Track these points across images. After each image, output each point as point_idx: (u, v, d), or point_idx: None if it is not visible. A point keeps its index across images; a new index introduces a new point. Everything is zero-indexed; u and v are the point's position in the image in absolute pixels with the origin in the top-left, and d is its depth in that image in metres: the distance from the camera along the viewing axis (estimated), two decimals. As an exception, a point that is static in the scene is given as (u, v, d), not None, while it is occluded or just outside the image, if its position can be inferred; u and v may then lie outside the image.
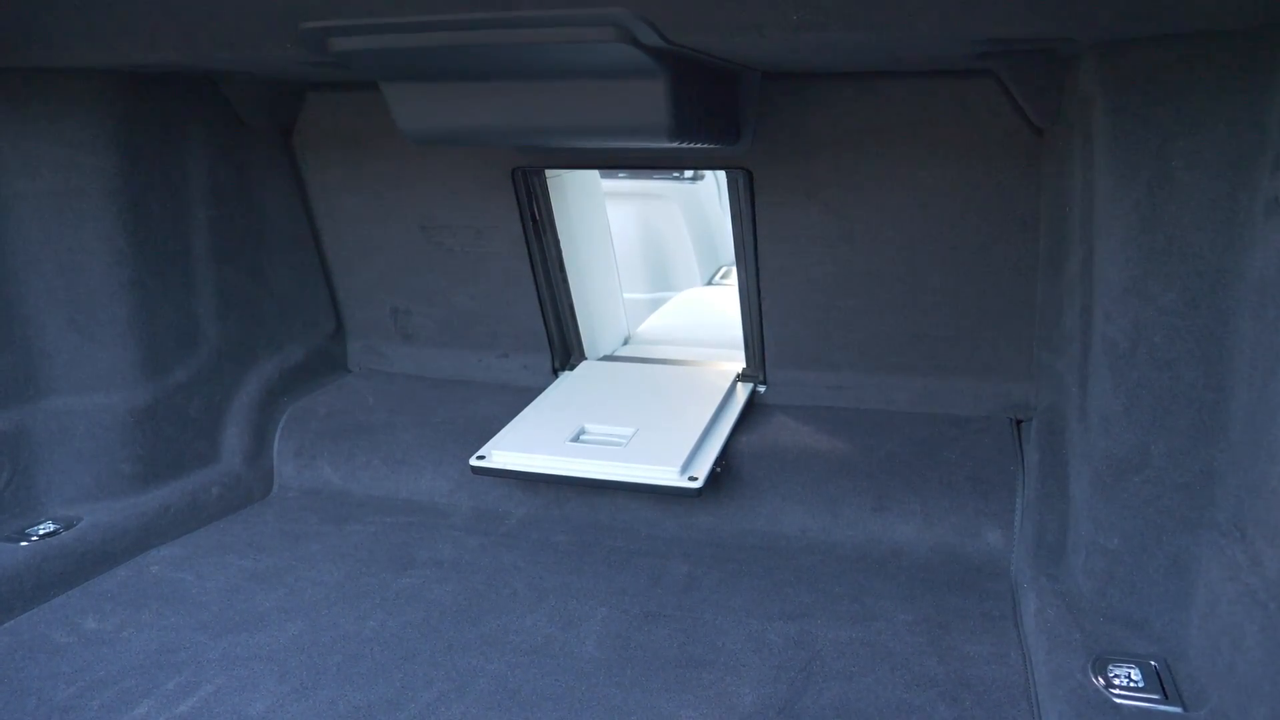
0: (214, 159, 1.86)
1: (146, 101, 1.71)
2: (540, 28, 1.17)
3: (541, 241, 2.01)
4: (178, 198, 1.80)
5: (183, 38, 1.30)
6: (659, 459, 1.70)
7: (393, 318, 2.17)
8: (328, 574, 1.60)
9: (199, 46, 1.34)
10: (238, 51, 1.34)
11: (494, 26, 1.18)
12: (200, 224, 1.85)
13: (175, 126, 1.78)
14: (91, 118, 1.63)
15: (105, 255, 1.69)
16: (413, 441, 1.96)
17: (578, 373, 2.11)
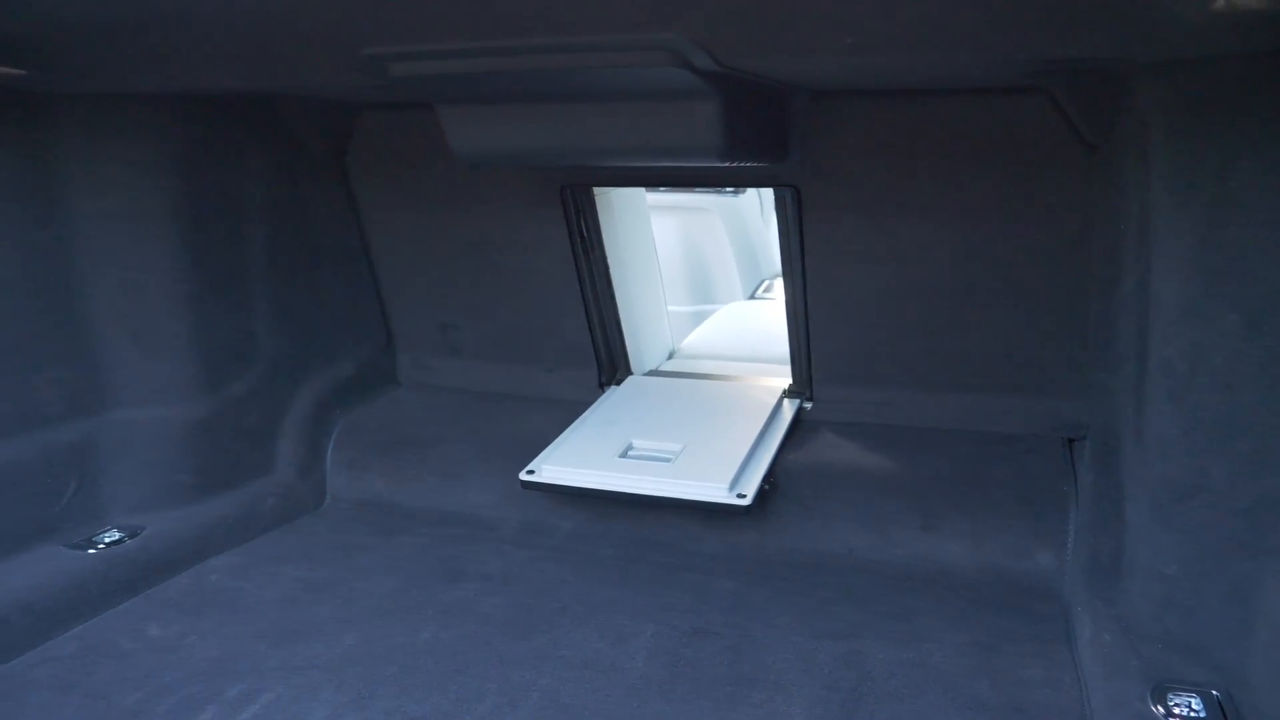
0: (271, 179, 1.90)
1: (207, 124, 1.76)
2: (595, 52, 1.19)
3: (589, 257, 2.03)
4: (236, 217, 1.84)
5: (246, 65, 1.34)
6: (707, 475, 1.71)
7: (442, 332, 2.20)
8: (380, 585, 1.63)
9: (261, 73, 1.37)
10: (298, 78, 1.37)
11: (550, 52, 1.20)
12: (257, 242, 1.89)
13: (234, 148, 1.82)
14: (155, 141, 1.68)
15: (167, 273, 1.73)
16: (461, 454, 1.98)
17: (624, 388, 2.12)
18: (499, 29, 1.12)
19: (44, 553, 1.59)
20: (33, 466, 1.61)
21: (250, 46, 1.29)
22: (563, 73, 1.26)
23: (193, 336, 1.77)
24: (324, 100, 1.86)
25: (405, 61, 1.26)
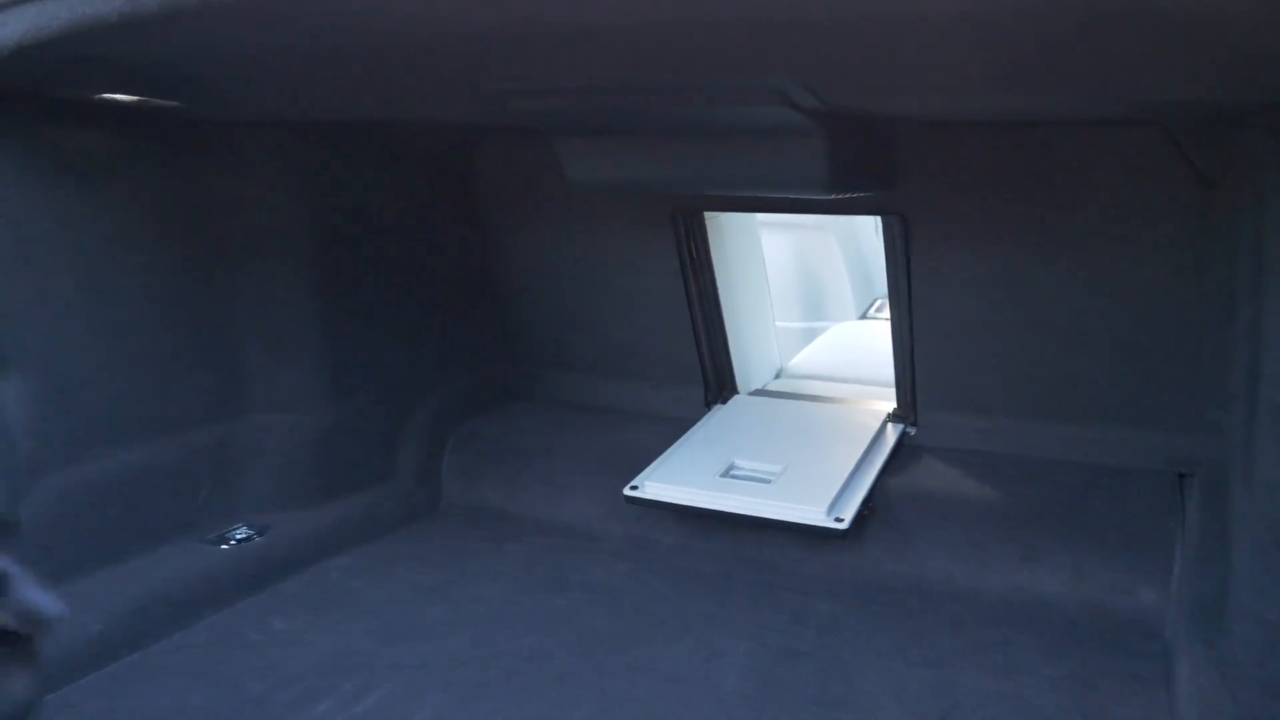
0: (397, 200, 2.01)
1: (341, 149, 1.88)
2: (704, 93, 1.24)
3: (698, 279, 2.08)
4: (365, 236, 1.96)
5: (379, 99, 1.44)
6: (806, 498, 1.74)
7: (555, 348, 2.28)
8: (488, 591, 1.71)
9: (391, 104, 1.47)
10: (425, 109, 1.46)
11: (660, 92, 1.26)
12: (383, 259, 2.00)
13: (364, 170, 1.94)
14: (294, 165, 1.80)
15: (300, 288, 1.86)
16: (569, 467, 2.06)
17: (729, 407, 2.16)
18: (612, 71, 1.19)
19: (181, 547, 1.72)
20: (173, 466, 1.74)
21: (382, 82, 1.39)
22: (673, 109, 1.31)
23: (323, 348, 1.89)
24: (449, 126, 1.96)
25: (523, 98, 1.34)
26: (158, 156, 1.67)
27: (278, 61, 1.25)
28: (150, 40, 1.10)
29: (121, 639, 1.49)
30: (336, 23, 1.01)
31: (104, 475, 1.62)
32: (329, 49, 1.15)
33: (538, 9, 0.92)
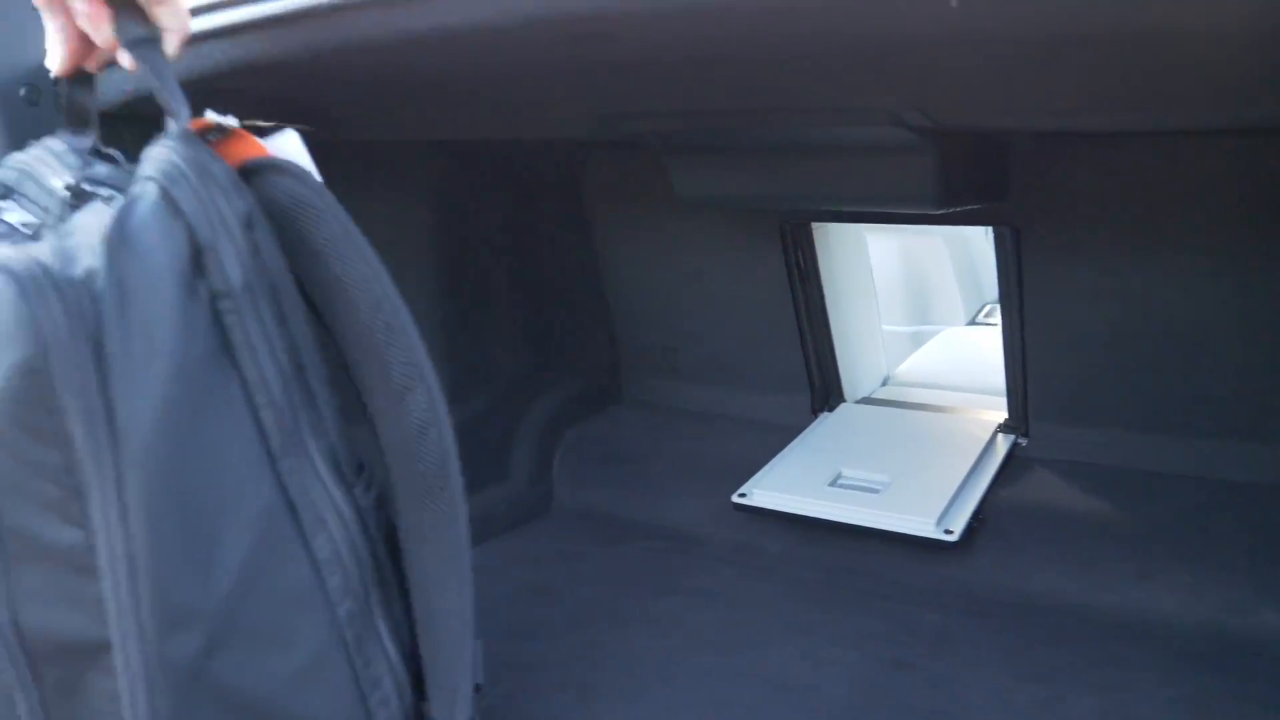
0: (513, 211, 2.09)
1: (459, 164, 1.95)
2: (813, 113, 1.27)
3: (805, 287, 2.10)
4: (482, 247, 2.04)
5: (497, 120, 1.50)
6: (915, 509, 1.74)
7: (662, 354, 2.33)
8: (598, 592, 1.76)
9: (509, 125, 1.53)
10: (541, 129, 1.52)
11: (769, 113, 1.29)
12: (500, 269, 2.08)
13: (482, 184, 2.02)
14: (415, 180, 1.89)
15: (422, 299, 1.94)
16: (677, 472, 2.10)
17: (836, 415, 2.18)
18: (726, 97, 1.22)
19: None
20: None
21: (501, 106, 1.45)
22: (783, 129, 1.34)
23: (444, 355, 1.97)
24: (561, 141, 2.02)
25: (637, 120, 1.38)
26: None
27: (404, 90, 1.32)
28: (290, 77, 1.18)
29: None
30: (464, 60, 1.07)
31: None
32: (453, 80, 1.22)
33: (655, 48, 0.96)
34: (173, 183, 0.75)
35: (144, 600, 0.74)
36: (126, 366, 0.72)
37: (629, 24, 0.86)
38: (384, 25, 0.95)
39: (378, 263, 0.85)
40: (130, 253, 0.73)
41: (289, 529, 0.80)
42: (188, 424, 0.74)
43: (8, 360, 0.72)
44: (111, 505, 0.72)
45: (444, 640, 0.88)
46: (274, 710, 0.79)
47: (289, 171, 0.83)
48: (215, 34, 1.11)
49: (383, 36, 0.97)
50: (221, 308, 0.76)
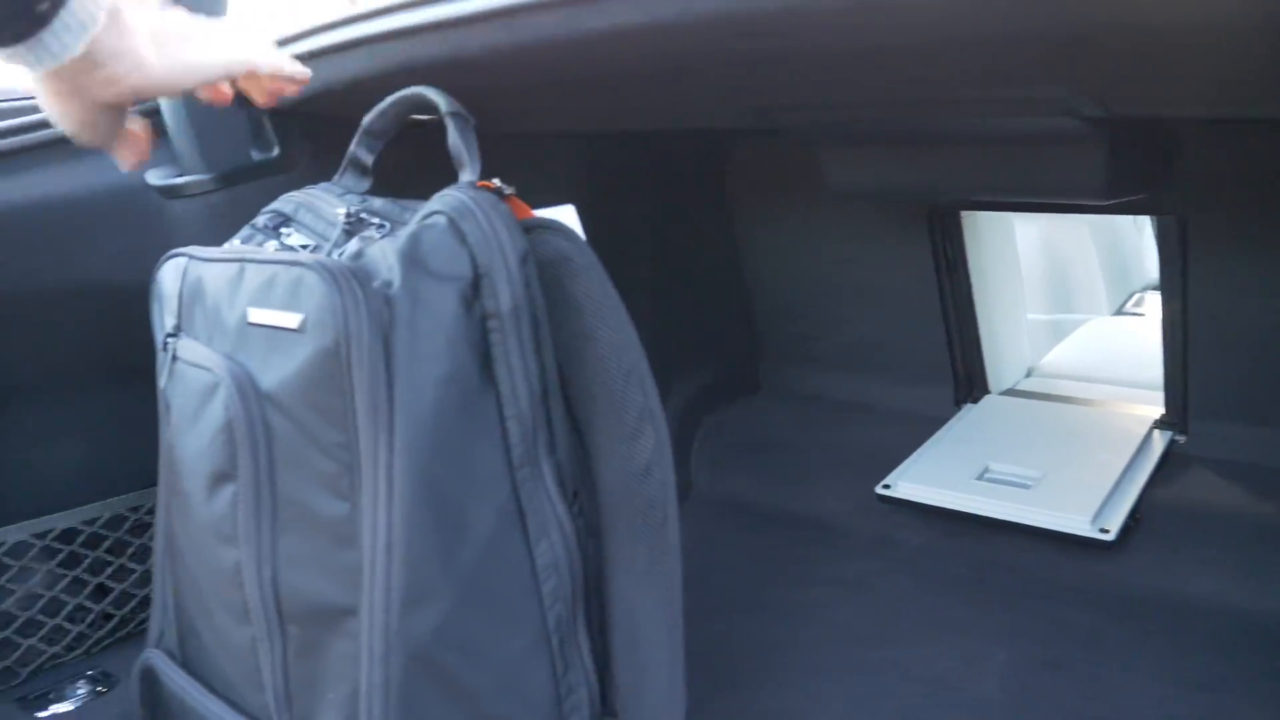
0: (654, 199, 2.11)
1: (605, 154, 1.98)
2: (980, 105, 1.24)
3: (951, 277, 2.06)
4: (626, 235, 2.06)
5: (649, 111, 1.52)
6: (1068, 506, 1.70)
7: (801, 343, 2.32)
8: (739, 580, 1.78)
9: (660, 116, 1.55)
10: (692, 120, 1.53)
11: (933, 105, 1.27)
12: (643, 258, 2.10)
13: (626, 174, 2.04)
14: (564, 170, 1.93)
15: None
16: (816, 461, 2.10)
17: (981, 407, 2.14)
18: (888, 88, 1.21)
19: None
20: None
21: (656, 99, 1.47)
22: (943, 120, 1.32)
23: (588, 344, 2.01)
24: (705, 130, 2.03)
25: (792, 112, 1.38)
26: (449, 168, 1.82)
27: (562, 86, 1.35)
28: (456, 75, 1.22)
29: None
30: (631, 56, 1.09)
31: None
32: (614, 75, 1.24)
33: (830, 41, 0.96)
34: (461, 216, 0.85)
35: (395, 573, 0.81)
36: (409, 365, 0.80)
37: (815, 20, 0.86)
38: (565, 25, 0.97)
39: (625, 317, 0.93)
40: (422, 270, 0.83)
41: (517, 532, 0.87)
42: (449, 424, 0.82)
43: (316, 343, 0.82)
44: (383, 485, 0.80)
45: (653, 671, 0.95)
46: (480, 709, 0.84)
47: (558, 230, 0.93)
48: (394, 35, 1.15)
49: (561, 36, 0.99)
50: (489, 327, 0.85)
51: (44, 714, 1.38)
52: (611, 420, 0.91)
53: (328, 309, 0.80)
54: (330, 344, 0.80)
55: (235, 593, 0.94)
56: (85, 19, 0.69)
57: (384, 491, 0.80)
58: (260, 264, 0.91)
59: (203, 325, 1.00)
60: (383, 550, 0.81)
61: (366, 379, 0.79)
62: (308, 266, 0.83)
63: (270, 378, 0.88)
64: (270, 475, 0.90)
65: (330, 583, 0.87)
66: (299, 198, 1.11)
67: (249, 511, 0.91)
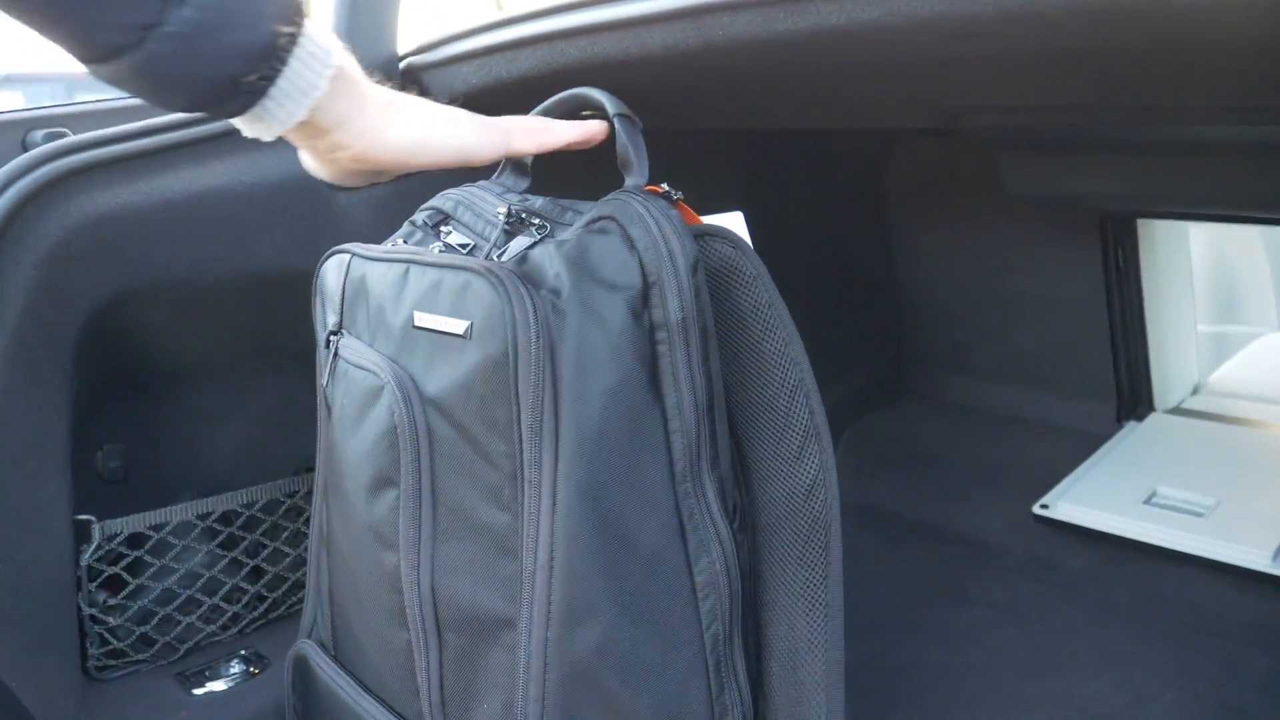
0: (813, 198, 2.05)
1: (765, 152, 1.94)
2: (1189, 112, 1.16)
3: (1122, 287, 1.96)
4: (780, 234, 2.01)
5: (826, 110, 1.47)
6: (1246, 538, 1.59)
7: (954, 351, 2.23)
8: (887, 597, 1.72)
9: (836, 116, 1.50)
10: (869, 120, 1.48)
11: (1135, 111, 1.19)
12: (794, 256, 2.05)
13: (785, 172, 1.99)
14: (722, 168, 1.89)
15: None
16: (968, 475, 2.02)
17: (1147, 426, 2.02)
18: (1092, 91, 1.14)
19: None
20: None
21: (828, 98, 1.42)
22: (1147, 127, 1.24)
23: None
24: (869, 129, 1.97)
25: (981, 114, 1.31)
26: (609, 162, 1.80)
27: (741, 83, 1.31)
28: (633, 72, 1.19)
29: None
30: (825, 57, 1.04)
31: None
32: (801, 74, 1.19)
33: (1043, 43, 0.90)
34: (630, 223, 0.82)
35: (556, 588, 0.80)
36: (576, 376, 0.78)
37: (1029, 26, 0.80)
38: (760, 25, 0.93)
39: (794, 329, 0.88)
40: (591, 277, 0.80)
41: (678, 549, 0.84)
42: (615, 436, 0.79)
43: (483, 351, 0.80)
44: (546, 497, 0.79)
45: (809, 695, 0.90)
46: None
47: (726, 238, 0.88)
48: (575, 33, 1.13)
49: (752, 36, 0.96)
50: (657, 338, 0.82)
51: (200, 691, 1.42)
52: (776, 437, 0.88)
53: (496, 316, 0.78)
54: (498, 352, 0.79)
55: (393, 597, 0.94)
56: (305, 86, 0.69)
57: (547, 504, 0.79)
58: (426, 266, 0.90)
59: (365, 325, 1.00)
60: (544, 564, 0.79)
61: (532, 389, 0.77)
62: (475, 272, 0.81)
63: (435, 384, 0.87)
64: (432, 482, 0.89)
65: (490, 593, 0.86)
66: (458, 195, 1.08)
67: (410, 518, 0.90)
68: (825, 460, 0.87)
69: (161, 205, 1.33)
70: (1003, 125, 1.34)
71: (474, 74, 1.39)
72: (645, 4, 1.01)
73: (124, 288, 1.33)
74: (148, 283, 1.35)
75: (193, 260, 1.39)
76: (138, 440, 1.55)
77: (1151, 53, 0.93)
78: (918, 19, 0.83)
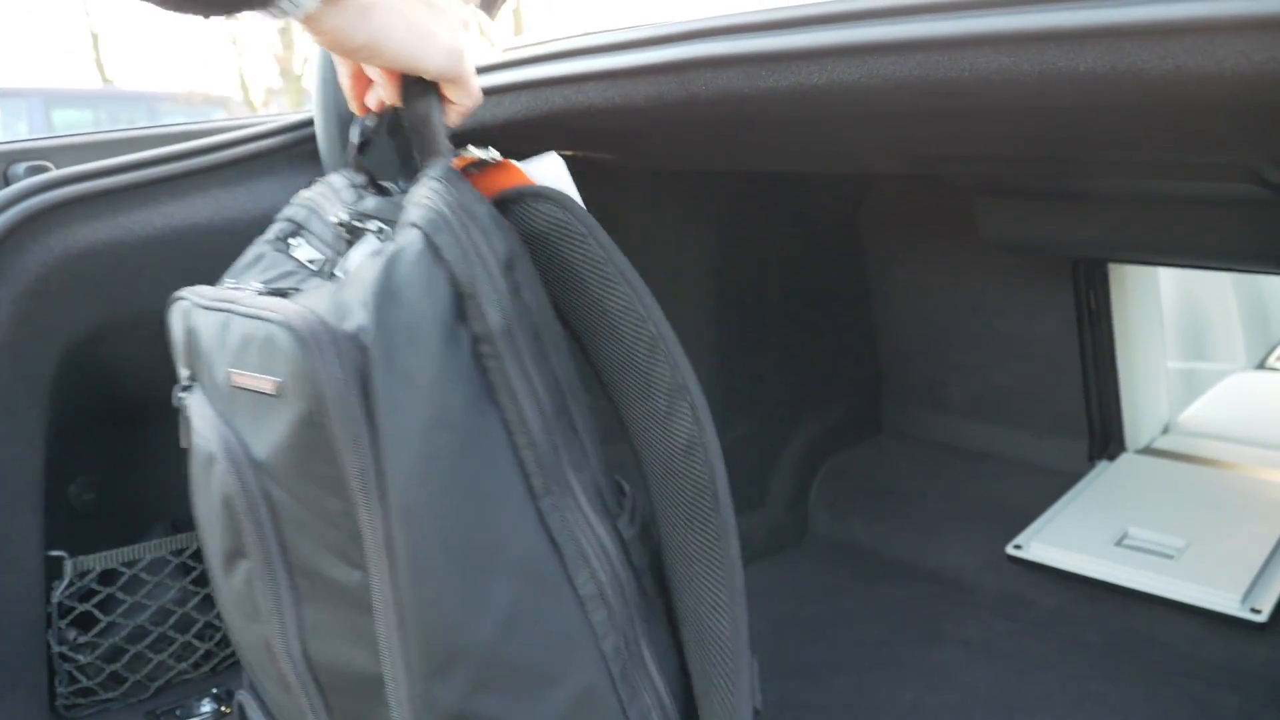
0: (790, 237, 2.08)
1: (743, 193, 1.96)
2: (1157, 167, 1.18)
3: (1094, 329, 1.98)
4: (757, 271, 2.03)
5: (805, 156, 1.49)
6: (1216, 580, 1.61)
7: (929, 388, 2.26)
8: (863, 634, 1.73)
9: (815, 161, 1.52)
10: (847, 165, 1.50)
11: (1107, 164, 1.21)
12: (772, 293, 2.07)
13: (763, 211, 2.02)
14: (702, 207, 1.91)
15: (696, 321, 1.96)
16: (943, 511, 2.03)
17: (1118, 466, 2.04)
18: (1061, 145, 1.16)
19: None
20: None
21: (808, 145, 1.44)
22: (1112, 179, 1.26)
23: (712, 379, 1.98)
24: (846, 173, 1.99)
25: (956, 163, 1.34)
26: (589, 199, 1.81)
27: (721, 129, 1.33)
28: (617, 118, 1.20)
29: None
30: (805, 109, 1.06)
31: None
32: (780, 123, 1.21)
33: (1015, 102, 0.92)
34: (435, 230, 0.75)
35: (412, 640, 0.75)
36: (393, 416, 0.73)
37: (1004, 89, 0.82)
38: (742, 82, 0.95)
39: (640, 282, 0.82)
40: (397, 305, 0.73)
41: (553, 567, 0.79)
42: (450, 469, 0.74)
43: (294, 412, 0.75)
44: (381, 549, 0.74)
45: (718, 664, 0.85)
46: None
47: (549, 197, 0.84)
48: (560, 82, 1.14)
49: (736, 91, 0.97)
50: (482, 351, 0.76)
51: (170, 730, 1.41)
52: (642, 397, 0.83)
53: (300, 372, 0.73)
54: (308, 410, 0.73)
55: (274, 664, 0.89)
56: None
57: (385, 556, 0.74)
58: (241, 316, 0.82)
59: (206, 380, 0.90)
60: (395, 622, 0.75)
61: (351, 442, 0.72)
62: (276, 324, 0.75)
63: (261, 446, 0.81)
64: (281, 548, 0.83)
65: (360, 652, 0.81)
66: (310, 198, 1.00)
67: (267, 588, 0.85)
68: (700, 419, 0.82)
69: (141, 240, 1.33)
70: (977, 174, 1.37)
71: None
72: (632, 56, 1.02)
73: (102, 322, 1.33)
74: (126, 317, 1.34)
75: (169, 293, 1.38)
76: (111, 474, 1.54)
77: (1120, 113, 0.95)
78: (897, 81, 0.85)
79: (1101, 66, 0.74)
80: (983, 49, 0.77)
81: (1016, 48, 0.75)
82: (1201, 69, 0.69)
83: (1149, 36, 0.70)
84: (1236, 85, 0.69)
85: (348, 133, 1.46)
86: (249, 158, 1.43)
